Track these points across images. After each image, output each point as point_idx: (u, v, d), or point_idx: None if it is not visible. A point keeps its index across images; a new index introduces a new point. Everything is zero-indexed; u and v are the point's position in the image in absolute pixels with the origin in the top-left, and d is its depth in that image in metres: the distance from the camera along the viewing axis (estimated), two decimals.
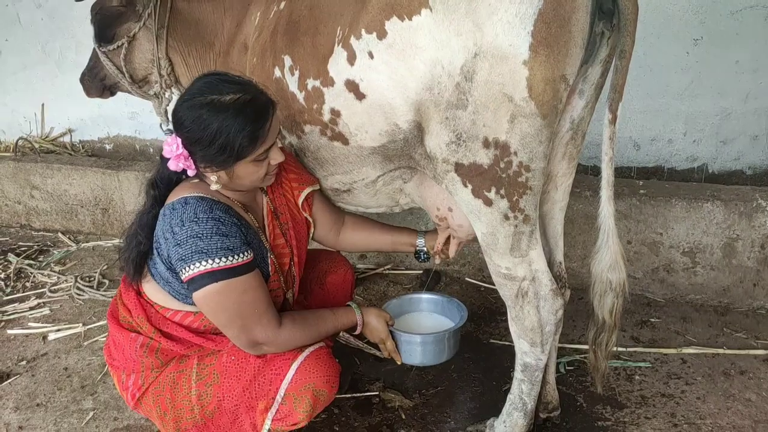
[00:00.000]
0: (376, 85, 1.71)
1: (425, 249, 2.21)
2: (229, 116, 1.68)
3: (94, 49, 2.69)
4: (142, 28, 2.54)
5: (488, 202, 1.70)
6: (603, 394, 2.33)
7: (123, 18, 2.56)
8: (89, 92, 2.84)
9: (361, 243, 2.26)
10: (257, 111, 1.71)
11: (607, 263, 1.77)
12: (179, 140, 1.73)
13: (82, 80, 2.82)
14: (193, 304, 1.78)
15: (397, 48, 1.63)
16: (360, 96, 1.76)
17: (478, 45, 1.52)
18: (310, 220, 2.11)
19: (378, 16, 1.64)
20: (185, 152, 1.74)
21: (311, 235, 2.15)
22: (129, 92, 2.78)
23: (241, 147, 1.70)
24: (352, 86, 1.76)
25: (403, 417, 2.27)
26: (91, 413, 2.35)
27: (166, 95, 2.66)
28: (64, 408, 2.39)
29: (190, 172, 1.79)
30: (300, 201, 2.06)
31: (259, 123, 1.71)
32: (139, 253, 1.82)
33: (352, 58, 1.73)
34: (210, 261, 1.69)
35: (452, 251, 2.15)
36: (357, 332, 2.06)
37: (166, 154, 1.75)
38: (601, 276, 1.79)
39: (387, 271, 3.31)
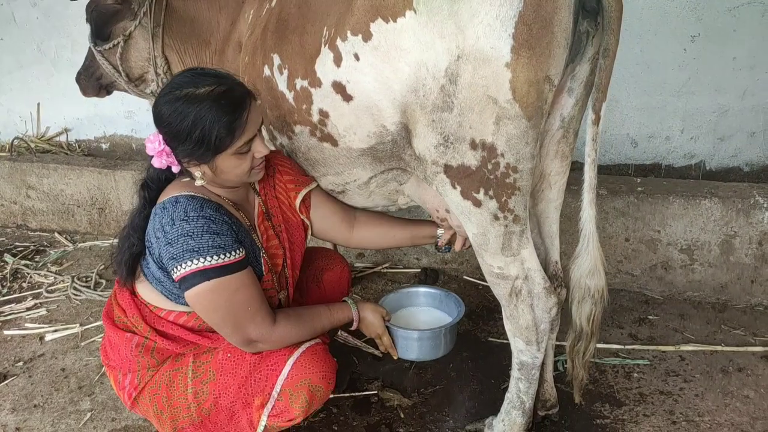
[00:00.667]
0: (362, 87, 1.70)
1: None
2: (204, 108, 1.66)
3: (89, 48, 2.69)
4: (138, 27, 2.54)
5: (477, 203, 1.69)
6: (602, 392, 2.33)
7: (119, 16, 2.56)
8: (85, 91, 2.84)
9: (377, 239, 2.18)
10: (233, 102, 1.70)
11: (587, 269, 1.74)
12: (160, 137, 1.73)
13: (78, 79, 2.82)
14: (185, 303, 1.78)
15: (382, 50, 1.62)
16: (347, 98, 1.74)
17: (461, 47, 1.50)
18: (307, 223, 2.09)
19: (363, 18, 1.63)
20: (167, 148, 1.74)
21: (308, 237, 2.13)
22: (125, 91, 2.78)
23: (218, 139, 1.69)
24: (339, 88, 1.75)
25: (402, 416, 2.26)
26: (89, 414, 2.35)
27: None
28: (62, 409, 2.38)
29: (175, 169, 1.79)
30: (297, 203, 2.04)
31: (236, 114, 1.69)
32: (131, 256, 1.81)
33: (338, 60, 1.71)
34: (201, 259, 1.68)
35: (458, 246, 2.13)
36: (353, 328, 2.05)
37: (149, 151, 1.75)
38: (579, 282, 1.77)
39: (385, 270, 3.30)
